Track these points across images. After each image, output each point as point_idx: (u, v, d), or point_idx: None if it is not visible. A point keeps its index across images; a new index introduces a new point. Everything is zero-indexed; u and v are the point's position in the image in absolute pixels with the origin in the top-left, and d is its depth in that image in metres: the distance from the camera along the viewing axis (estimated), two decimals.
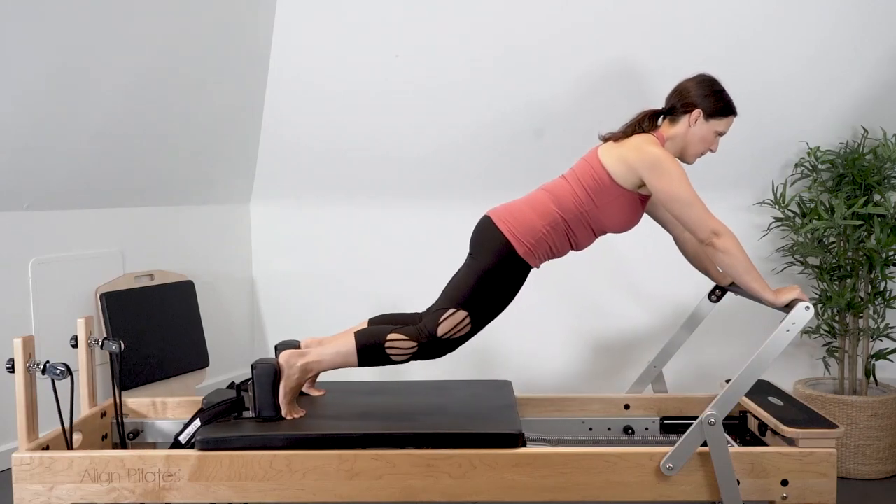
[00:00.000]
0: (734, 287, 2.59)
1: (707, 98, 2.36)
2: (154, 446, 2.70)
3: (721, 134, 2.40)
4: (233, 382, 2.53)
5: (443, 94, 3.91)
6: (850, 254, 3.26)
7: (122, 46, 3.42)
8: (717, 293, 2.71)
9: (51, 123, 3.33)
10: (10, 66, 3.07)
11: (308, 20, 3.95)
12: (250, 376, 2.37)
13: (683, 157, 2.43)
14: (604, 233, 2.43)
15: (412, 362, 2.75)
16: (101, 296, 3.66)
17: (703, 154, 2.43)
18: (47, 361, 2.24)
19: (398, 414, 2.40)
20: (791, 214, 3.39)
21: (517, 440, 2.19)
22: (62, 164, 3.48)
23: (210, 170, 4.23)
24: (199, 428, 2.30)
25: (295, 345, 2.51)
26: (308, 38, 3.98)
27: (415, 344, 2.33)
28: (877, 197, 3.30)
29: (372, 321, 2.55)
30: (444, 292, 2.40)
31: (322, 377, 2.78)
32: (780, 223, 3.41)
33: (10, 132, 3.22)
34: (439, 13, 3.73)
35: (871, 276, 3.27)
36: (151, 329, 3.82)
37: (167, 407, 2.69)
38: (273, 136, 4.35)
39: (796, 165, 3.50)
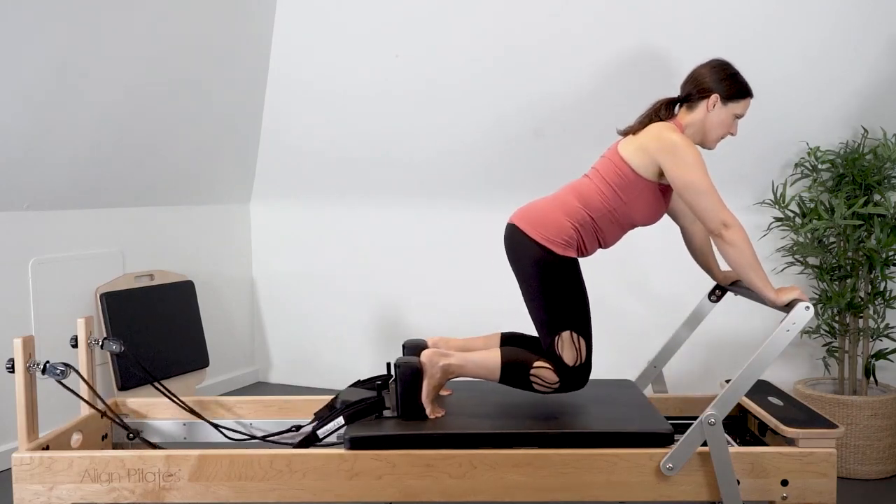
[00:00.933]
0: (734, 287, 2.58)
1: (723, 82, 2.36)
2: (155, 446, 2.70)
3: (739, 117, 2.40)
4: (372, 378, 2.50)
5: (443, 94, 3.91)
6: (850, 254, 3.26)
7: (123, 47, 3.42)
8: (717, 293, 2.71)
9: (51, 124, 3.33)
10: (10, 67, 3.07)
11: (308, 20, 3.95)
12: (384, 374, 2.34)
13: (704, 142, 2.43)
14: (633, 227, 2.43)
15: None
16: (101, 296, 3.66)
17: (723, 138, 2.43)
18: (47, 361, 2.24)
19: (541, 413, 2.37)
20: (791, 214, 3.38)
21: (671, 439, 2.19)
22: (62, 164, 3.48)
23: (210, 170, 4.23)
24: (343, 426, 2.28)
25: (423, 344, 2.51)
26: (308, 38, 3.98)
27: (558, 379, 2.34)
28: (877, 197, 3.29)
29: (504, 335, 2.55)
30: (537, 330, 2.40)
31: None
32: (780, 223, 3.41)
33: (11, 132, 3.22)
34: (439, 14, 3.73)
35: (871, 276, 3.27)
36: (151, 329, 3.82)
37: (168, 407, 2.69)
38: (273, 137, 4.35)
39: (796, 165, 3.50)
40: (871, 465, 3.18)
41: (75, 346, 2.55)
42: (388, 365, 2.56)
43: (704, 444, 2.13)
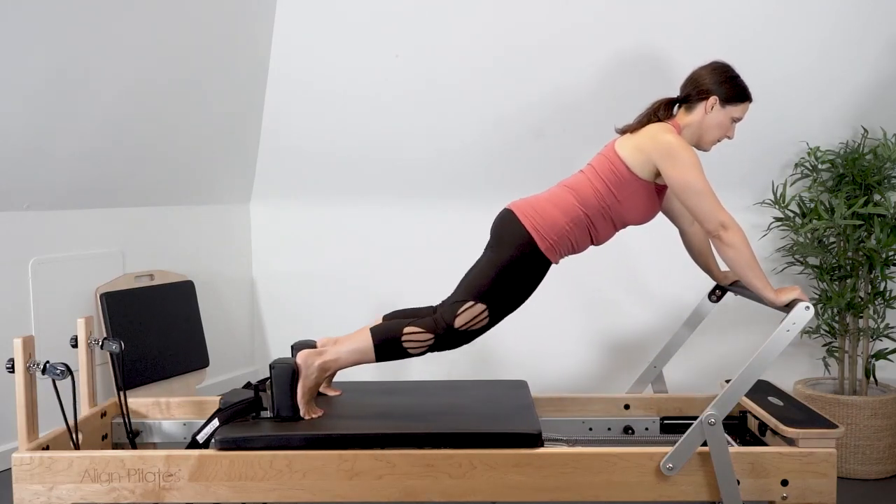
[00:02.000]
0: (734, 287, 2.59)
1: (722, 85, 2.36)
2: (155, 446, 2.70)
3: (737, 120, 2.40)
4: (249, 382, 2.52)
5: (443, 94, 3.91)
6: (850, 254, 3.26)
7: (123, 47, 3.42)
8: (717, 293, 2.71)
9: (51, 124, 3.33)
10: (11, 68, 3.07)
11: (308, 20, 3.95)
12: (268, 376, 2.37)
13: (700, 144, 2.43)
14: (625, 226, 2.43)
15: (419, 361, 2.74)
16: (101, 296, 3.66)
17: (719, 140, 2.43)
18: (47, 361, 2.24)
19: (416, 414, 2.40)
20: (791, 214, 3.38)
21: (536, 440, 2.19)
22: (62, 165, 3.48)
23: (210, 170, 4.23)
24: (217, 427, 2.29)
25: (311, 344, 2.51)
26: (308, 38, 3.98)
27: (431, 336, 2.33)
28: (877, 197, 3.30)
29: (386, 317, 2.55)
30: (462, 283, 2.39)
31: (338, 377, 2.78)
32: (780, 223, 3.41)
33: (11, 132, 3.22)
34: (439, 13, 3.73)
35: (871, 276, 3.27)
36: (151, 329, 3.82)
37: (168, 407, 2.69)
38: (273, 137, 4.35)
39: (796, 165, 3.50)
40: (871, 465, 3.19)
41: (75, 346, 2.55)
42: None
43: (704, 444, 2.13)
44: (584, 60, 3.63)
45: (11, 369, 2.18)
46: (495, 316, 2.34)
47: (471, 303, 2.32)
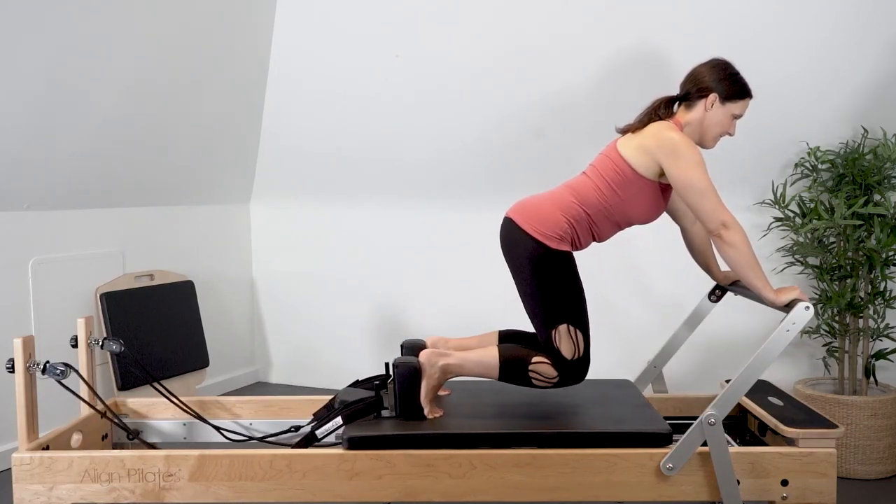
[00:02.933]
0: (734, 287, 2.58)
1: (722, 82, 2.36)
2: (154, 446, 2.70)
3: (738, 117, 2.40)
4: (368, 379, 2.51)
5: (442, 94, 3.91)
6: (850, 254, 3.26)
7: (123, 48, 3.42)
8: (717, 293, 2.71)
9: (51, 124, 3.33)
10: (10, 67, 3.07)
11: (307, 21, 3.95)
12: (383, 374, 2.35)
13: (702, 142, 2.43)
14: (630, 225, 2.42)
15: None
16: (101, 296, 3.66)
17: (721, 137, 2.43)
18: (47, 361, 2.24)
19: (539, 413, 2.37)
20: (791, 214, 3.38)
21: (669, 440, 2.19)
22: (62, 165, 3.48)
23: (210, 170, 4.23)
24: (340, 426, 2.28)
25: (422, 344, 2.51)
26: (307, 38, 3.98)
27: (556, 373, 2.33)
28: (877, 197, 3.29)
29: (503, 332, 2.56)
30: (533, 324, 2.40)
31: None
32: (780, 223, 3.41)
33: (11, 133, 3.22)
34: (439, 14, 3.73)
35: (871, 276, 3.27)
36: (151, 329, 3.82)
37: (168, 407, 2.69)
38: (273, 137, 4.35)
39: (796, 165, 3.50)
40: (871, 465, 3.18)
41: (75, 346, 2.55)
42: (387, 365, 2.56)
43: (704, 444, 2.13)
44: (583, 60, 3.63)
45: (11, 369, 2.18)
46: (580, 322, 2.34)
47: (553, 332, 2.33)
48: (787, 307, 2.16)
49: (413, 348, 2.49)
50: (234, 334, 4.59)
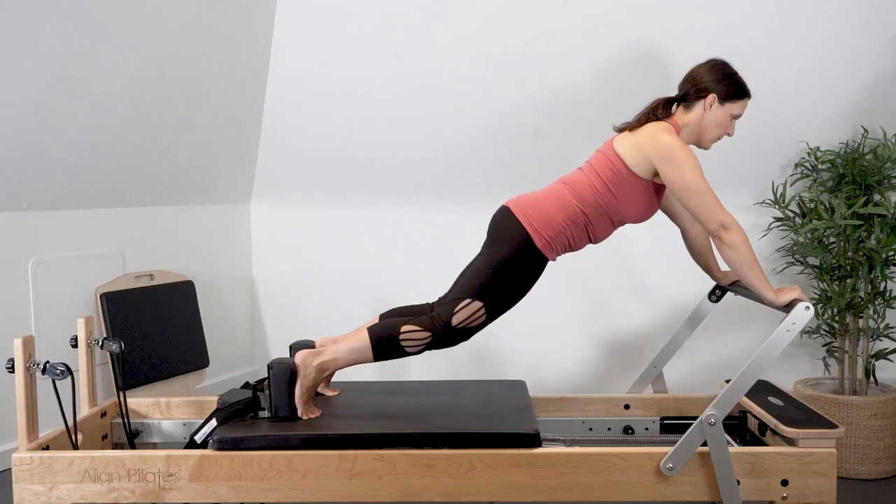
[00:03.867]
0: (734, 287, 2.59)
1: (720, 82, 2.36)
2: (155, 446, 2.70)
3: (736, 117, 2.40)
4: (247, 382, 2.53)
5: (442, 93, 3.91)
6: (850, 254, 3.26)
7: (123, 47, 3.42)
8: (717, 293, 2.71)
9: (51, 124, 3.33)
10: (10, 67, 3.07)
11: (308, 20, 3.95)
12: (266, 376, 2.37)
13: (700, 143, 2.43)
14: (623, 223, 2.42)
15: (419, 360, 2.75)
16: (101, 296, 3.66)
17: (719, 138, 2.43)
18: (47, 361, 2.24)
19: (414, 414, 2.40)
20: (791, 214, 3.38)
21: (534, 440, 2.19)
22: (62, 165, 3.48)
23: (210, 170, 4.23)
24: (215, 427, 2.29)
25: (310, 345, 2.51)
26: (308, 37, 3.98)
27: (429, 334, 2.32)
28: (877, 197, 3.30)
29: (383, 315, 2.54)
30: (458, 281, 2.39)
31: (336, 377, 2.78)
32: (780, 223, 3.41)
33: (11, 132, 3.22)
34: (439, 14, 3.73)
35: (871, 276, 3.27)
36: (151, 329, 3.82)
37: (168, 407, 2.69)
38: (273, 136, 4.35)
39: (796, 165, 3.50)
40: (871, 465, 3.19)
41: (75, 346, 2.55)
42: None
43: (704, 444, 2.13)
44: (583, 59, 3.63)
45: (11, 369, 2.18)
46: (492, 313, 2.34)
47: (468, 300, 2.32)
48: (788, 307, 2.17)
49: (300, 349, 2.49)
50: (234, 334, 4.59)
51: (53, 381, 2.23)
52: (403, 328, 2.33)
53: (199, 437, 2.32)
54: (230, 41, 3.88)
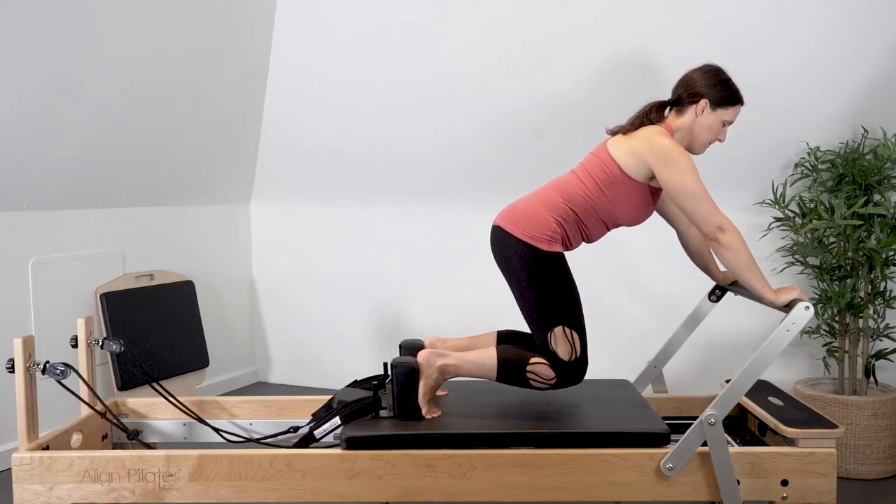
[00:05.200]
0: (734, 287, 2.58)
1: (713, 88, 2.36)
2: (151, 446, 2.70)
3: (728, 123, 2.40)
4: (356, 381, 2.52)
5: (442, 94, 3.91)
6: (850, 254, 3.26)
7: (123, 47, 3.42)
8: (717, 293, 2.71)
9: (51, 124, 3.33)
10: (10, 67, 3.07)
11: (308, 21, 3.95)
12: (380, 374, 2.34)
13: (691, 147, 2.43)
14: (616, 226, 2.42)
15: None
16: (101, 296, 3.66)
17: (710, 144, 2.43)
18: (47, 361, 2.24)
19: (534, 413, 2.38)
20: (791, 214, 3.38)
21: (666, 439, 2.19)
22: (62, 165, 3.48)
23: (210, 170, 4.23)
24: (339, 426, 2.29)
25: (420, 344, 2.52)
26: (308, 38, 3.98)
27: (554, 374, 2.33)
28: (877, 197, 3.30)
29: (500, 333, 2.56)
30: (531, 327, 2.40)
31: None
32: (780, 223, 3.41)
33: (11, 133, 3.22)
34: (439, 14, 3.73)
35: (871, 276, 3.27)
36: (151, 329, 3.82)
37: (167, 407, 2.69)
38: (273, 137, 4.35)
39: (796, 165, 3.50)
40: (871, 465, 3.18)
41: (75, 346, 2.55)
42: (385, 365, 2.56)
43: (704, 444, 2.13)
44: (584, 60, 3.63)
45: (11, 369, 2.18)
46: (576, 323, 2.34)
47: (550, 334, 2.33)
48: (787, 307, 2.17)
49: (411, 348, 2.50)
50: (234, 334, 4.59)
51: (58, 380, 2.23)
52: (532, 360, 2.34)
53: (319, 433, 2.31)
54: (230, 41, 3.88)
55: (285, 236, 4.62)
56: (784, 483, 2.14)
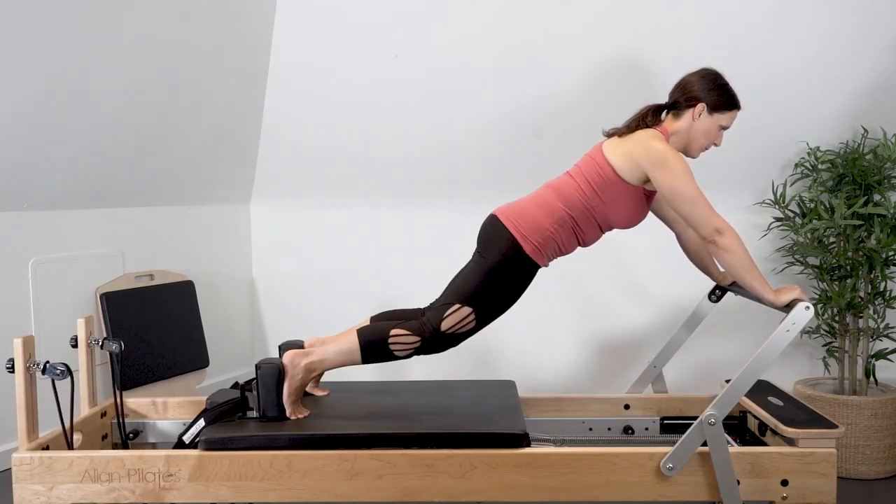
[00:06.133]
0: (734, 287, 2.59)
1: (711, 92, 2.36)
2: (154, 446, 2.70)
3: (725, 128, 2.40)
4: (236, 382, 2.53)
5: (442, 93, 3.91)
6: (850, 254, 3.26)
7: (123, 47, 3.42)
8: (717, 293, 2.71)
9: (51, 123, 3.33)
10: (10, 67, 3.07)
11: (307, 20, 3.95)
12: (254, 376, 2.37)
13: (687, 151, 2.43)
14: (610, 228, 2.43)
15: (413, 360, 2.75)
16: (101, 296, 3.66)
17: (706, 148, 2.43)
18: (47, 361, 2.24)
19: (403, 414, 2.40)
20: (791, 214, 3.39)
21: (522, 440, 2.19)
22: (62, 165, 3.48)
23: (210, 170, 4.23)
24: (203, 428, 2.30)
25: (299, 345, 2.51)
26: (308, 37, 3.98)
27: (418, 339, 2.33)
28: (877, 197, 3.30)
29: (374, 318, 2.55)
30: (449, 287, 2.40)
31: (326, 377, 2.78)
32: (780, 223, 3.41)
33: (11, 132, 3.22)
34: (439, 13, 3.73)
35: (871, 276, 3.27)
36: (151, 329, 3.82)
37: (167, 407, 2.69)
38: (273, 136, 4.35)
39: (796, 165, 3.50)
40: (871, 465, 3.19)
41: (75, 346, 2.55)
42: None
43: (704, 444, 2.13)
44: (583, 60, 3.63)
45: (11, 369, 2.18)
46: (482, 319, 2.35)
47: (457, 306, 2.33)
48: (788, 307, 2.17)
49: (289, 349, 2.49)
50: (234, 334, 4.59)
51: (53, 382, 2.23)
52: (393, 332, 2.34)
53: (187, 438, 2.33)
54: (230, 41, 3.88)
55: (285, 236, 4.62)
56: (784, 483, 2.14)
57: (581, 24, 3.56)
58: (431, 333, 2.33)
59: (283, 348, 2.52)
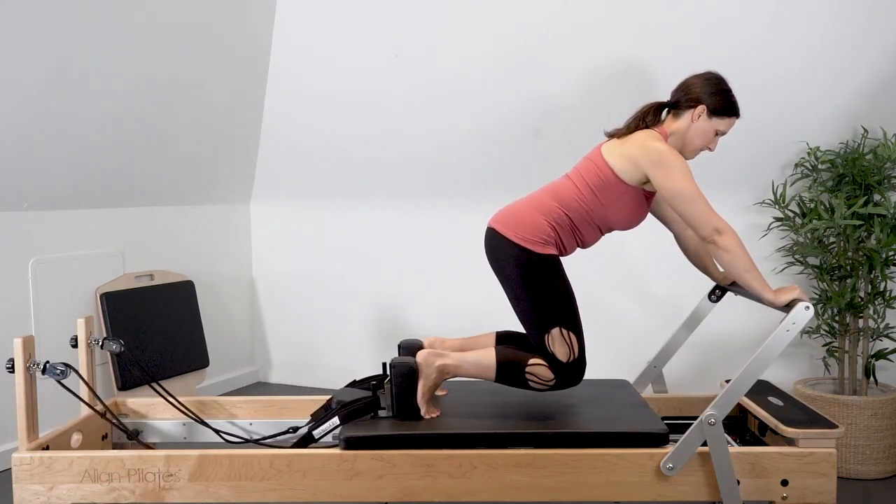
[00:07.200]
0: (734, 287, 2.59)
1: (713, 96, 2.37)
2: (150, 446, 2.70)
3: (721, 133, 2.41)
4: (354, 381, 2.52)
5: (442, 94, 3.91)
6: (850, 254, 3.26)
7: (123, 47, 3.42)
8: (716, 293, 2.71)
9: (51, 124, 3.33)
10: (10, 67, 3.07)
11: (308, 20, 3.95)
12: (379, 374, 2.35)
13: (683, 152, 2.44)
14: (610, 230, 2.43)
15: None
16: (101, 296, 3.66)
17: (701, 150, 2.43)
18: (47, 361, 2.24)
19: (535, 413, 2.38)
20: (791, 214, 3.38)
21: (664, 439, 2.19)
22: (62, 165, 3.49)
23: (210, 170, 4.23)
24: (337, 426, 2.29)
25: (419, 344, 2.52)
26: (308, 38, 3.98)
27: (553, 376, 2.33)
28: (877, 197, 3.30)
29: (499, 334, 2.56)
30: (527, 331, 2.40)
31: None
32: (780, 223, 3.41)
33: (11, 132, 3.22)
34: (439, 13, 3.73)
35: (871, 276, 3.27)
36: (151, 329, 3.82)
37: (167, 407, 2.69)
38: (273, 136, 4.35)
39: (796, 165, 3.50)
40: (871, 465, 3.18)
41: (75, 346, 2.55)
42: (384, 365, 2.56)
43: (704, 444, 2.13)
44: (584, 60, 3.63)
45: (11, 369, 2.18)
46: (572, 324, 2.34)
47: (547, 336, 2.33)
48: (787, 307, 2.17)
49: (410, 348, 2.50)
50: (234, 334, 4.59)
51: (58, 380, 2.23)
52: (531, 361, 2.34)
53: (317, 433, 2.31)
54: (230, 41, 3.88)
55: (285, 236, 4.62)
56: (784, 483, 2.14)
57: (581, 25, 3.56)
58: (560, 368, 2.33)
59: (402, 347, 2.52)
